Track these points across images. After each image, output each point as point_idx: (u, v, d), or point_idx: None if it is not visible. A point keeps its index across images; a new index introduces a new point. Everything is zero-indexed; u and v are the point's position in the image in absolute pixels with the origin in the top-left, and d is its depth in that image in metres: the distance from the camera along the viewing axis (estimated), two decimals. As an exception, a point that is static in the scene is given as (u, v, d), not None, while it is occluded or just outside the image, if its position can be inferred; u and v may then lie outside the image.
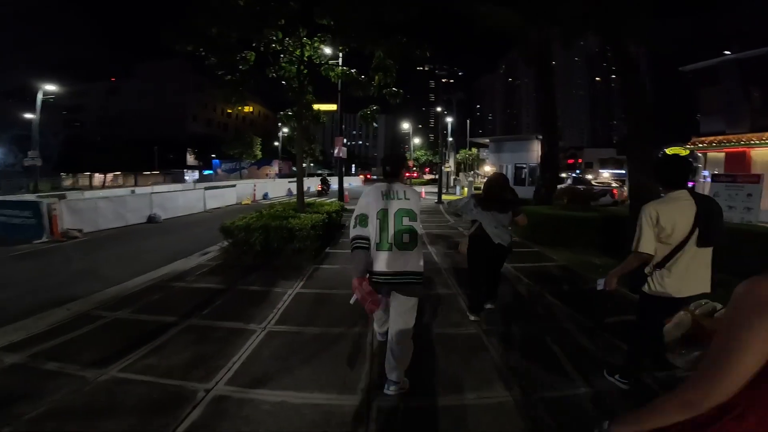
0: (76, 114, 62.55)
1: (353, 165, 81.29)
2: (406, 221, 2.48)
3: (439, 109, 21.57)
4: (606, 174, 39.06)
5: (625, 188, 19.13)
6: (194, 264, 6.66)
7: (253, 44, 7.39)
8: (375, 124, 12.15)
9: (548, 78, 10.25)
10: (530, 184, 15.60)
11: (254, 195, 19.12)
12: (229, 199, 16.61)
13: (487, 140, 19.89)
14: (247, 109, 77.53)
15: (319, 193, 22.22)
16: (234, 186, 17.53)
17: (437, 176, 52.64)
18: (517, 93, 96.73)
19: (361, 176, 51.15)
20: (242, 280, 5.62)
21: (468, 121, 37.45)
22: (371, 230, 2.48)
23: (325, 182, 23.15)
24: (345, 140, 14.99)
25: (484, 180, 4.45)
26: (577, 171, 42.39)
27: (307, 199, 11.48)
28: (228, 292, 5.07)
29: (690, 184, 2.46)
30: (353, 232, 2.50)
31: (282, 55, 7.75)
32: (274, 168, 47.40)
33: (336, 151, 14.18)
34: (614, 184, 18.81)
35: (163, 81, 58.85)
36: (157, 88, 59.03)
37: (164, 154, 54.49)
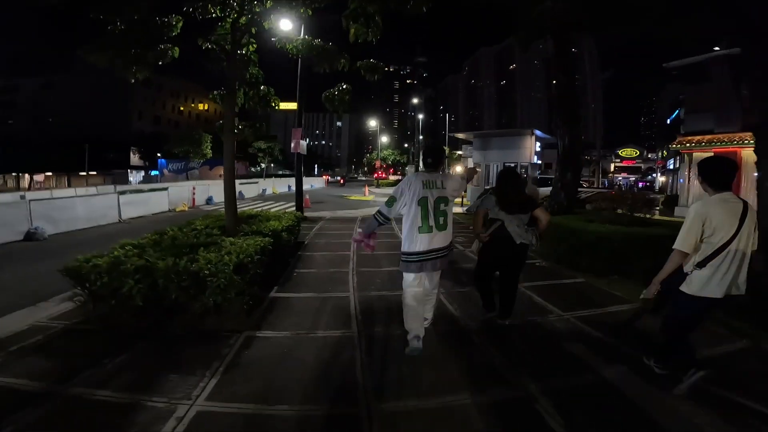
0: (6, 111, 56.17)
1: (316, 165, 77.88)
2: (442, 207, 3.05)
3: (416, 100, 19.31)
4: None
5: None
6: (33, 322, 3.80)
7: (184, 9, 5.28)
8: (344, 112, 9.66)
9: (566, 57, 8.09)
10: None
11: (193, 200, 15.80)
12: (158, 206, 13.28)
13: (464, 136, 17.68)
14: (201, 106, 72.19)
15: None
16: (165, 189, 14.13)
17: (404, 176, 51.35)
18: (479, 94, 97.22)
19: (325, 177, 47.83)
20: (90, 370, 2.87)
21: (447, 116, 35.64)
22: (411, 216, 3.01)
23: None
24: (307, 139, 12.23)
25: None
26: (538, 172, 41.58)
27: (256, 207, 8.61)
28: (44, 404, 2.39)
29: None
30: (379, 208, 3.16)
31: (220, 23, 5.66)
32: (229, 168, 43.37)
33: (293, 145, 11.39)
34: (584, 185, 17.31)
35: (104, 75, 52.65)
36: (98, 82, 53.22)
37: (105, 153, 49.44)
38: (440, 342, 3.46)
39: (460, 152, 26.07)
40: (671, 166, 46.50)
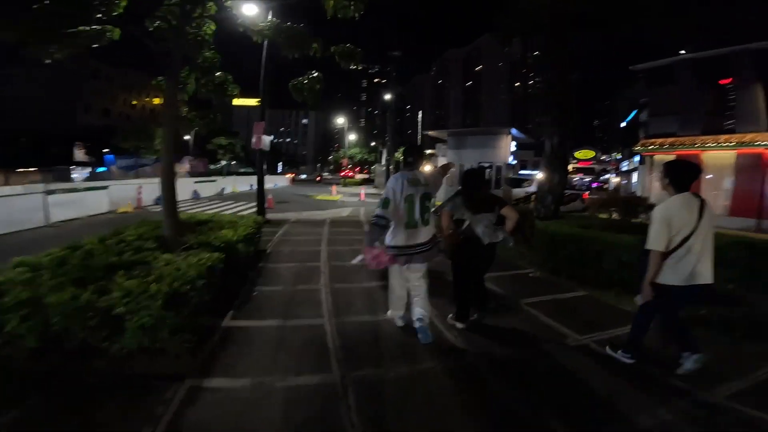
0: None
1: (280, 163, 75.34)
2: (426, 203, 3.24)
3: (388, 97, 18.49)
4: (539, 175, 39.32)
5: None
6: None
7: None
8: (314, 103, 8.72)
9: (563, 51, 7.52)
10: (496, 185, 13.14)
11: (139, 200, 14.14)
12: (95, 206, 11.58)
13: (438, 134, 17.10)
14: (156, 100, 67.65)
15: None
16: (105, 188, 12.43)
17: (371, 176, 50.85)
18: (446, 94, 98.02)
19: (290, 175, 45.98)
20: None
21: (420, 115, 35.00)
22: (398, 211, 3.14)
23: None
24: (272, 136, 11.12)
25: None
26: (511, 172, 42.03)
27: (212, 208, 7.58)
28: None
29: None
30: (377, 212, 3.16)
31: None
32: (185, 165, 40.37)
33: (254, 140, 10.23)
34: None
35: (45, 65, 47.82)
36: (38, 73, 48.47)
37: (48, 148, 45.08)
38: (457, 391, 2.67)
39: (430, 151, 25.67)
40: (625, 168, 48.66)
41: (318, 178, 44.31)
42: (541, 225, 6.45)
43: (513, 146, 13.07)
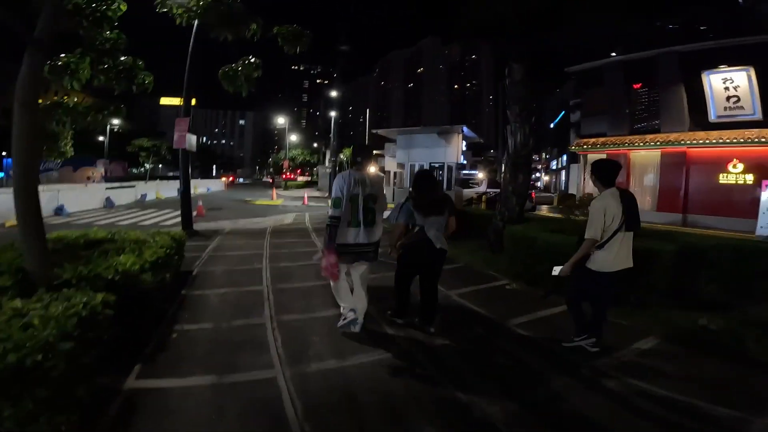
0: None
1: (214, 165, 70.50)
2: (371, 204, 3.24)
3: (334, 94, 17.32)
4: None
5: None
6: None
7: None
8: (250, 89, 7.55)
9: (527, 45, 7.04)
10: (447, 186, 12.69)
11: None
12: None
13: (387, 133, 16.35)
14: (65, 98, 59.49)
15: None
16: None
17: (314, 178, 49.13)
18: (388, 95, 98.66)
19: (224, 178, 42.63)
20: None
21: (368, 111, 33.84)
22: (343, 210, 3.13)
23: None
24: (204, 138, 9.53)
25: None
26: (463, 172, 42.61)
27: (126, 219, 6.12)
28: None
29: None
30: (331, 213, 3.18)
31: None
32: (99, 169, 35.79)
33: (177, 138, 8.67)
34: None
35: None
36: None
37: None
38: None
39: (377, 151, 24.97)
40: (554, 166, 52.17)
41: (271, 180, 41.15)
42: (515, 231, 5.87)
43: (463, 146, 12.75)
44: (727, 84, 14.69)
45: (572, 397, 2.66)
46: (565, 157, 31.30)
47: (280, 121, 38.24)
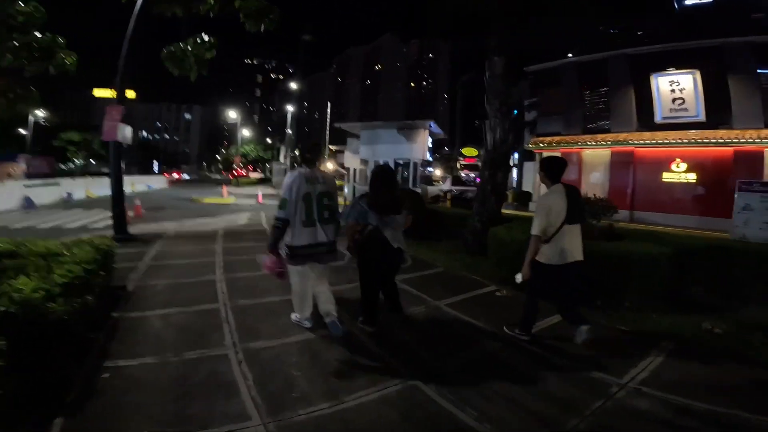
0: None
1: (156, 161, 65.40)
2: (326, 201, 3.16)
3: (294, 86, 16.14)
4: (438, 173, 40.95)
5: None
6: None
7: None
8: (201, 74, 6.63)
9: (508, 38, 6.65)
10: (413, 184, 12.24)
11: None
12: None
13: (349, 128, 15.55)
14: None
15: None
16: None
17: (268, 175, 46.92)
18: (346, 91, 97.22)
19: (168, 175, 39.24)
20: None
21: (329, 104, 32.19)
22: (297, 211, 3.03)
23: None
24: (144, 132, 8.24)
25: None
26: (429, 169, 41.89)
27: (45, 223, 5.21)
28: None
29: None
30: (276, 214, 3.09)
31: None
32: (20, 165, 31.54)
33: (106, 129, 7.38)
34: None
35: None
36: None
37: None
38: None
39: (335, 147, 23.96)
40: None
41: (232, 176, 37.97)
42: (499, 233, 5.46)
43: (429, 142, 12.36)
44: (673, 86, 15.56)
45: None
46: (517, 155, 32.15)
47: (232, 115, 35.83)
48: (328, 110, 24.55)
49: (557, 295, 3.33)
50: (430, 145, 12.67)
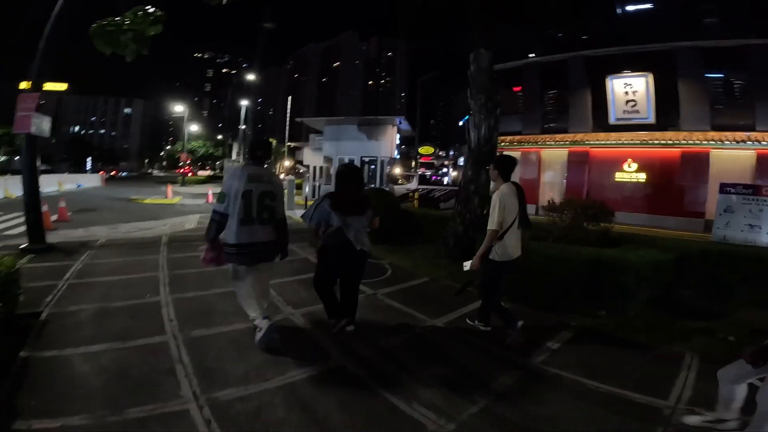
0: None
1: (89, 158, 59.61)
2: (267, 201, 3.03)
3: (252, 77, 14.73)
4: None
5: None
6: None
7: None
8: (144, 53, 5.53)
9: (490, 32, 6.22)
10: (380, 183, 11.62)
11: None
12: None
13: (312, 123, 14.52)
14: None
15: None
16: None
17: (218, 172, 44.10)
18: (302, 88, 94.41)
19: (103, 173, 35.47)
20: None
21: (290, 97, 30.14)
22: (235, 208, 2.91)
23: None
24: (76, 127, 6.86)
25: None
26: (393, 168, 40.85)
27: None
28: None
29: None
30: (214, 207, 3.04)
31: None
32: None
33: (17, 119, 6.03)
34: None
35: None
36: None
37: None
38: None
39: (294, 144, 22.58)
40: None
41: (185, 172, 34.34)
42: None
43: (397, 139, 11.80)
44: (627, 89, 16.18)
45: None
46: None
47: (178, 108, 33.00)
48: (289, 104, 23.10)
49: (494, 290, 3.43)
50: (398, 142, 12.12)
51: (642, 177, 17.00)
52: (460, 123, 50.87)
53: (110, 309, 3.70)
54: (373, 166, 11.82)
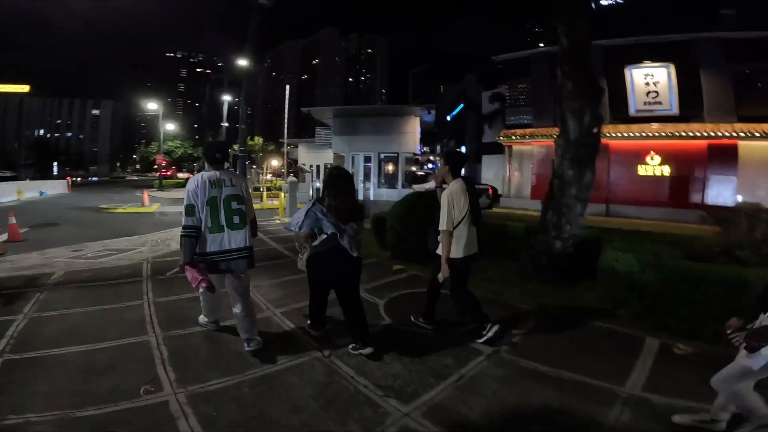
0: None
1: (55, 163, 55.63)
2: (235, 205, 2.87)
3: (244, 63, 12.75)
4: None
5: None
6: None
7: None
8: None
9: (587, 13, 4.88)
10: (404, 186, 10.01)
11: None
12: None
13: (318, 115, 12.63)
14: None
15: None
16: None
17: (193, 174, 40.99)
18: (280, 86, 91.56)
19: (70, 178, 32.35)
20: None
21: (288, 87, 27.00)
22: (203, 217, 2.74)
23: None
24: (40, 130, 4.96)
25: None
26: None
27: None
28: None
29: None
30: (184, 222, 2.76)
31: None
32: None
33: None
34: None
35: None
36: None
37: None
38: None
39: (284, 141, 20.36)
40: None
41: (166, 174, 30.93)
42: (629, 262, 3.49)
43: (419, 132, 10.23)
44: (648, 79, 15.13)
45: None
46: (464, 148, 31.33)
47: (152, 107, 30.27)
48: (287, 95, 20.77)
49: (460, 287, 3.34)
50: (420, 136, 10.53)
51: (666, 170, 16.08)
52: (448, 117, 49.61)
53: (73, 421, 1.98)
54: (393, 163, 10.18)
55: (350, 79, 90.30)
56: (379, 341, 3.05)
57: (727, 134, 14.62)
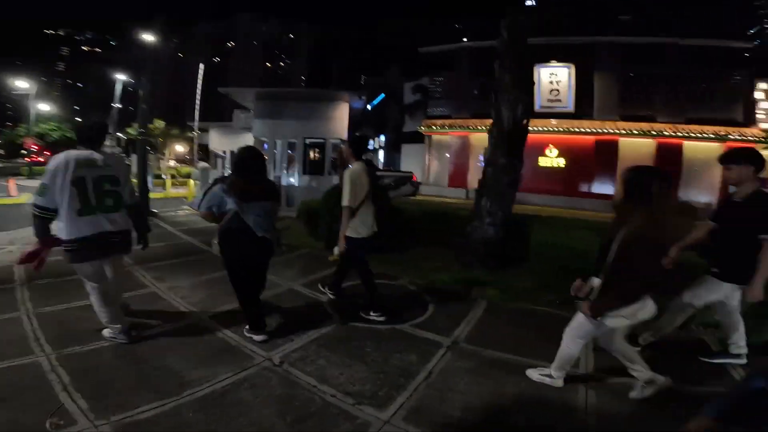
0: None
1: None
2: (108, 186, 2.69)
3: (150, 38, 10.70)
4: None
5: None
6: None
7: None
8: None
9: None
10: (330, 173, 9.69)
11: None
12: None
13: (238, 97, 11.40)
14: None
15: None
16: None
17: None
18: (190, 70, 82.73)
19: None
20: None
21: (201, 66, 23.17)
22: (67, 199, 2.51)
23: None
24: None
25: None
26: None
27: None
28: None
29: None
30: (33, 200, 2.57)
31: None
32: None
33: None
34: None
35: None
36: None
37: None
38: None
39: (193, 124, 18.34)
40: (371, 146, 54.63)
41: (36, 160, 25.15)
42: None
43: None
44: (552, 78, 16.71)
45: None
46: (383, 138, 31.82)
47: (23, 85, 25.02)
48: (200, 75, 18.50)
49: (362, 267, 3.50)
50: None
51: (562, 162, 17.98)
52: (369, 106, 49.74)
53: None
54: (320, 150, 9.77)
55: (268, 64, 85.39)
56: (332, 341, 2.84)
57: (610, 131, 16.75)
